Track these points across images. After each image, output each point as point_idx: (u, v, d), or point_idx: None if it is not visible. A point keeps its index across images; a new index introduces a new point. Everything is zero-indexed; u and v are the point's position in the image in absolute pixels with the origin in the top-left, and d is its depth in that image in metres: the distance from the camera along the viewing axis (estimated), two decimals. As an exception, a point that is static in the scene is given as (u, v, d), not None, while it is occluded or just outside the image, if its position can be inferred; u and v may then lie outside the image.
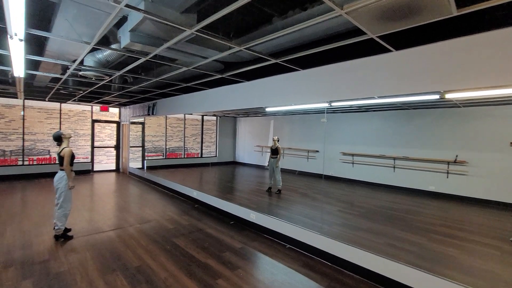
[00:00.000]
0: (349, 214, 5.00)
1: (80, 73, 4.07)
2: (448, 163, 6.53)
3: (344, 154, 8.50)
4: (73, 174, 3.63)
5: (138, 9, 2.09)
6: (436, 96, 4.35)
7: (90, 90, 5.90)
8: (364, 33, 2.30)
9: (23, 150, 8.03)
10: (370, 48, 2.76)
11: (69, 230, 3.78)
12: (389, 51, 2.66)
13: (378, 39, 2.37)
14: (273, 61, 3.22)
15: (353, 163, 8.41)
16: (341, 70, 3.15)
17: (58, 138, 3.60)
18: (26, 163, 8.06)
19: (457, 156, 6.37)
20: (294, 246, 3.58)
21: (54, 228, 3.60)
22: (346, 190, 7.38)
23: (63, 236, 3.59)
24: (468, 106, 6.14)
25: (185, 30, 2.41)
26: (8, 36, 2.30)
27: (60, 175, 3.54)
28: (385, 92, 2.82)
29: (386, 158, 7.72)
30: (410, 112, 7.27)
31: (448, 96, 4.51)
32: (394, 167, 7.60)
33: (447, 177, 6.59)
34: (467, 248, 3.56)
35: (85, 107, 9.25)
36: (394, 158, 7.57)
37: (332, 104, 5.34)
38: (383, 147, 7.82)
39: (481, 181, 6.05)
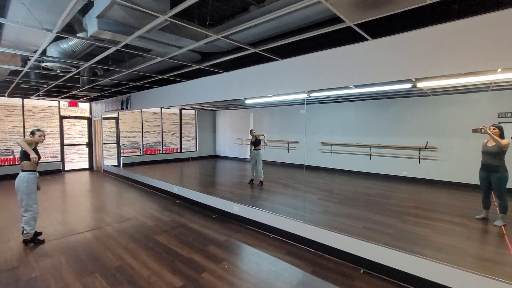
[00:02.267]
0: (329, 201, 5.15)
1: (43, 64, 3.75)
2: (420, 149, 6.91)
3: (324, 144, 8.70)
4: (36, 175, 3.37)
5: (105, -8, 1.93)
6: (409, 85, 4.54)
7: (55, 83, 5.48)
8: (342, 21, 2.31)
9: (-19, 151, 7.35)
10: (347, 37, 2.79)
11: (40, 233, 3.54)
12: (366, 39, 2.70)
13: (355, 27, 2.40)
14: (252, 50, 3.16)
15: (331, 152, 8.64)
16: (320, 59, 3.17)
17: (31, 133, 3.33)
18: (-14, 165, 7.41)
19: (427, 142, 6.75)
20: (278, 235, 3.63)
21: (22, 233, 3.35)
22: (326, 179, 7.58)
23: (33, 241, 3.36)
24: (437, 94, 6.49)
25: (158, 17, 2.28)
26: (-47, 21, 2.04)
27: (20, 177, 3.26)
28: (361, 80, 2.88)
29: (363, 146, 8.01)
30: (384, 101, 7.56)
31: (420, 84, 4.72)
32: (370, 155, 7.91)
33: (419, 163, 6.98)
34: (437, 228, 3.81)
35: (51, 103, 8.62)
36: (370, 146, 7.87)
37: (311, 94, 5.42)
38: (360, 136, 8.10)
39: (448, 165, 6.48)
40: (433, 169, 6.71)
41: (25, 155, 3.23)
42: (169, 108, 10.48)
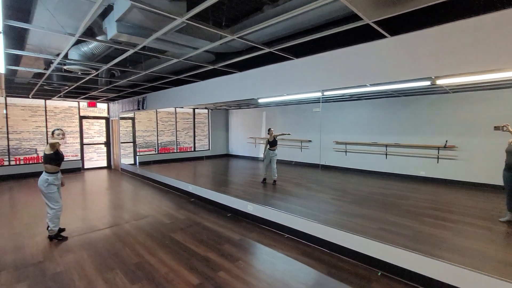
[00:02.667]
0: (343, 201, 5.08)
1: (65, 67, 3.89)
2: (439, 148, 6.68)
3: (337, 143, 8.58)
4: (60, 175, 3.53)
5: (125, -3, 1.98)
6: (427, 83, 4.39)
7: (76, 85, 5.69)
8: (359, 19, 2.26)
9: (8, 150, 7.74)
10: (364, 35, 2.73)
11: (63, 230, 3.70)
12: (384, 37, 2.63)
13: (374, 25, 2.34)
14: (266, 50, 3.15)
15: (346, 151, 8.51)
16: (335, 58, 3.12)
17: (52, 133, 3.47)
18: (12, 163, 7.80)
19: (446, 141, 6.52)
20: (292, 235, 3.62)
21: (47, 229, 3.51)
22: (339, 179, 7.48)
23: (57, 237, 3.51)
24: (457, 91, 6.24)
25: (176, 19, 2.31)
26: (-15, 29, 2.16)
27: (42, 177, 3.40)
28: (379, 79, 2.82)
29: (378, 145, 7.83)
30: (401, 99, 7.35)
31: (439, 82, 4.55)
32: (386, 154, 7.73)
33: (437, 162, 6.76)
34: (458, 230, 3.67)
35: (71, 103, 8.95)
36: (386, 145, 7.69)
37: (325, 93, 5.34)
38: (375, 135, 7.92)
39: (469, 165, 6.23)
40: (453, 169, 6.48)
41: (47, 159, 3.37)
42: (182, 107, 10.64)
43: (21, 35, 3.10)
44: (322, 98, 7.40)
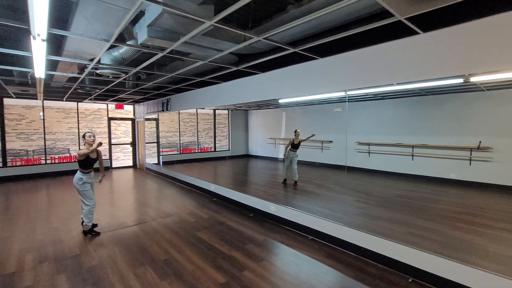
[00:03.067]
0: (368, 204, 4.93)
1: (98, 71, 4.11)
2: (471, 149, 6.30)
3: (360, 143, 8.35)
4: (92, 174, 3.71)
5: (158, 2, 2.06)
6: (460, 80, 4.16)
7: (106, 88, 5.99)
8: (390, 16, 2.19)
9: (45, 149, 8.31)
10: (394, 32, 2.64)
11: (96, 225, 3.90)
12: (415, 33, 2.53)
13: (406, 21, 2.26)
14: (291, 50, 3.14)
15: (369, 152, 8.26)
16: (362, 56, 3.04)
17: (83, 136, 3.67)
18: (48, 161, 8.36)
19: (480, 142, 6.13)
20: (316, 237, 3.57)
21: (82, 224, 3.73)
22: (362, 180, 7.27)
23: (91, 232, 3.72)
24: (493, 89, 5.86)
25: (205, 22, 2.37)
26: (31, 37, 2.33)
27: (76, 175, 3.60)
28: (409, 77, 2.71)
29: (404, 146, 7.52)
30: (429, 98, 7.02)
31: (474, 79, 4.29)
32: (412, 156, 7.41)
33: (470, 164, 6.37)
34: (493, 236, 3.45)
35: (100, 106, 9.43)
36: (412, 146, 7.37)
37: (348, 92, 5.22)
38: (400, 135, 7.62)
39: (505, 167, 5.82)
40: (487, 171, 6.08)
41: (79, 162, 3.57)
42: (203, 108, 10.85)
43: (59, 42, 3.32)
44: (344, 97, 7.24)
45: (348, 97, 7.37)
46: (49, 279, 2.63)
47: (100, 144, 3.45)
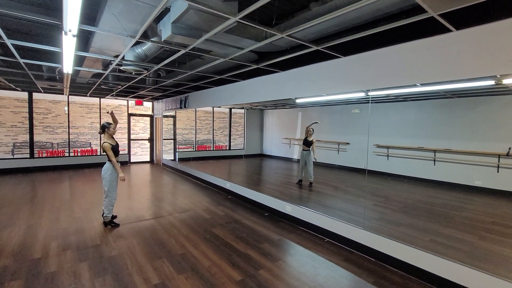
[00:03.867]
0: (387, 208, 4.77)
1: (122, 67, 4.23)
2: (499, 156, 5.95)
3: (378, 146, 8.11)
4: (119, 165, 3.81)
5: (185, -2, 2.08)
6: (491, 82, 3.93)
7: (127, 84, 6.15)
8: (423, 12, 2.09)
9: (68, 142, 8.67)
10: (424, 29, 2.53)
11: (115, 217, 4.01)
12: (448, 31, 2.41)
13: (439, 18, 2.15)
14: (314, 48, 3.08)
15: (388, 155, 8.00)
16: (387, 55, 2.93)
17: (102, 129, 3.79)
18: (71, 154, 8.72)
19: (510, 148, 5.78)
20: (333, 240, 3.49)
21: (102, 215, 3.85)
22: (381, 184, 7.06)
23: (111, 223, 3.83)
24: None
25: (229, 18, 2.36)
26: (63, 33, 2.42)
27: (106, 166, 3.74)
28: (437, 77, 2.58)
29: (425, 150, 7.23)
30: (454, 101, 6.70)
31: (507, 81, 4.05)
32: (434, 161, 7.10)
33: (498, 172, 6.02)
34: (527, 249, 3.23)
35: (121, 102, 9.73)
36: (435, 151, 7.06)
37: (370, 93, 5.07)
38: (421, 139, 7.32)
39: (539, 176, 5.45)
40: (517, 179, 5.72)
41: (110, 155, 3.69)
42: (220, 107, 10.94)
43: (87, 39, 3.44)
44: (364, 98, 7.06)
45: (368, 98, 7.18)
46: (71, 266, 2.72)
47: (112, 113, 3.87)
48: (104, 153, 3.72)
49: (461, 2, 1.94)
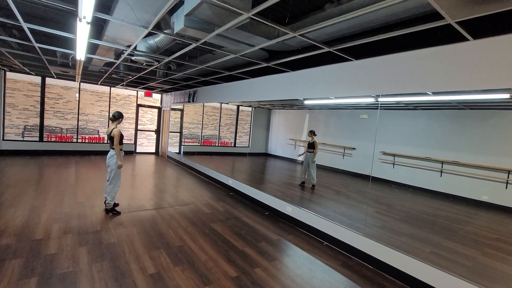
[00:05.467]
0: (389, 217, 4.71)
1: (133, 58, 4.26)
2: (509, 172, 5.81)
3: (385, 153, 8.00)
4: (122, 154, 3.85)
5: (199, -8, 2.07)
6: (506, 95, 3.83)
7: (138, 75, 6.21)
8: (440, 18, 2.04)
9: (77, 129, 8.81)
10: (439, 37, 2.47)
11: (117, 204, 4.06)
12: (464, 40, 2.35)
13: (456, 26, 2.10)
14: (325, 49, 3.05)
15: (394, 163, 7.89)
16: (400, 61, 2.88)
17: (114, 118, 3.82)
18: (79, 140, 8.86)
19: (521, 164, 5.63)
20: (331, 244, 3.46)
21: (104, 202, 3.90)
22: (385, 192, 6.97)
23: (112, 211, 3.87)
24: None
25: (242, 14, 2.35)
26: (78, 19, 2.45)
27: (111, 153, 3.79)
28: (450, 87, 2.52)
29: (432, 161, 7.10)
30: (466, 112, 6.56)
31: (522, 95, 3.94)
32: (441, 172, 6.98)
33: (506, 188, 5.88)
34: (532, 269, 3.14)
35: (131, 92, 9.83)
36: (442, 162, 6.93)
37: (380, 99, 5.00)
38: (429, 149, 7.20)
39: (549, 195, 5.30)
40: (526, 197, 5.57)
41: (117, 141, 3.73)
42: (228, 103, 10.95)
43: (101, 27, 3.47)
44: (374, 104, 6.97)
45: (378, 104, 7.09)
46: (71, 249, 2.76)
47: None
48: (108, 141, 3.77)
49: (480, 11, 1.89)
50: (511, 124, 5.87)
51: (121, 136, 3.82)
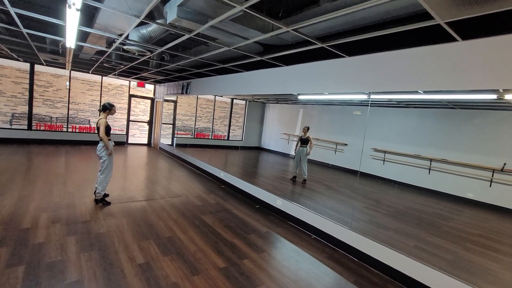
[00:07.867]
0: (377, 212, 4.83)
1: (125, 47, 4.18)
2: (493, 170, 5.99)
3: (376, 150, 8.13)
4: (112, 144, 3.81)
5: (191, -18, 2.04)
6: (493, 96, 3.92)
7: (130, 65, 6.10)
8: (430, 18, 2.07)
9: (67, 118, 8.65)
10: (429, 37, 2.51)
11: (107, 195, 4.05)
12: (453, 40, 2.39)
13: (445, 26, 2.13)
14: (319, 45, 3.06)
15: (384, 160, 8.04)
16: (391, 59, 2.92)
17: (103, 108, 3.77)
18: (70, 130, 8.71)
19: (505, 164, 5.81)
20: (319, 237, 3.54)
21: (94, 192, 3.88)
22: (374, 188, 7.11)
23: (102, 201, 3.86)
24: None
25: (235, 7, 2.33)
26: (67, 6, 2.39)
27: (101, 144, 3.75)
28: (439, 86, 2.58)
29: (422, 158, 7.26)
30: (456, 111, 6.70)
31: (508, 97, 4.04)
32: (429, 169, 7.15)
33: (490, 186, 6.07)
34: (509, 264, 3.29)
35: (123, 82, 9.66)
36: (431, 160, 7.10)
37: (372, 96, 5.06)
38: (419, 147, 7.35)
39: (530, 194, 5.50)
40: (508, 195, 5.77)
41: (106, 130, 3.69)
42: (222, 96, 10.88)
43: (92, 15, 3.39)
44: (366, 101, 7.03)
45: (370, 101, 7.17)
46: (59, 239, 2.76)
47: None
48: (96, 132, 3.73)
49: (467, 12, 1.92)
50: (494, 123, 6.03)
51: (108, 128, 3.76)
